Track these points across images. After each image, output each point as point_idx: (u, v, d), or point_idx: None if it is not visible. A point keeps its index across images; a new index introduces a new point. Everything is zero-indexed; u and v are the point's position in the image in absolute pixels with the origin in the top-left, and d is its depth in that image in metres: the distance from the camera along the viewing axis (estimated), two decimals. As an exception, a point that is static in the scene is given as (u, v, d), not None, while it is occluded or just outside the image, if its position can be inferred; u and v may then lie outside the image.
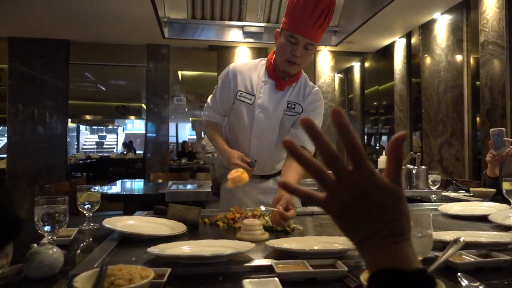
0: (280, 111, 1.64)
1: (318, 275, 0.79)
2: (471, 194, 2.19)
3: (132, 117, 12.05)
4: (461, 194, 2.31)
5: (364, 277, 0.67)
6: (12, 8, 4.31)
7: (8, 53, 5.28)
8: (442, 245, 0.97)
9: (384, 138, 6.10)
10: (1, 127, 9.09)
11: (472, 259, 0.88)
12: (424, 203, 1.98)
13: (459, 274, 0.78)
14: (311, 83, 1.75)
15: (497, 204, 1.61)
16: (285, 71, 1.60)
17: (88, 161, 9.55)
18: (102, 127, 16.18)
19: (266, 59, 1.71)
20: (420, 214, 0.80)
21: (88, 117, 11.58)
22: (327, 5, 1.47)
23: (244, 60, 5.45)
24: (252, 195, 1.71)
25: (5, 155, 5.50)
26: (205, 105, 1.76)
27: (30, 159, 5.28)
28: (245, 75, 1.67)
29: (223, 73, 1.71)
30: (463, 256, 0.90)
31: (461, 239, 0.80)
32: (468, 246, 0.90)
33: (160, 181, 3.96)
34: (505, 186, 1.68)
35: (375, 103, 6.21)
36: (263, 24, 5.05)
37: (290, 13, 1.52)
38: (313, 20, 1.47)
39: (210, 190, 2.80)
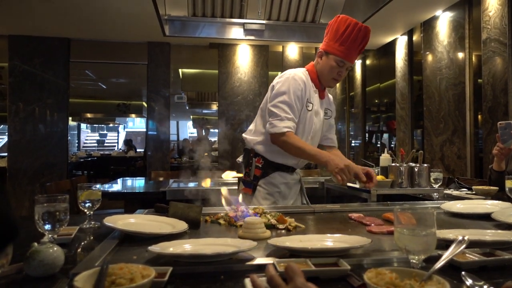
0: (322, 116, 1.95)
1: (320, 273, 0.79)
2: (473, 192, 2.18)
3: (133, 115, 12.04)
4: (463, 192, 2.31)
5: (367, 276, 0.66)
6: (13, 6, 4.30)
7: (8, 51, 5.27)
8: (445, 244, 0.96)
9: (385, 136, 6.08)
10: (2, 125, 9.09)
11: (476, 258, 0.87)
12: (426, 201, 1.98)
13: (463, 273, 0.78)
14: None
15: (500, 202, 1.60)
16: (328, 86, 1.93)
17: (89, 159, 9.56)
18: (103, 125, 16.18)
19: (305, 69, 1.91)
20: (424, 212, 0.79)
21: (89, 115, 11.58)
22: (367, 36, 1.80)
23: (246, 58, 5.45)
24: (291, 186, 1.92)
25: (6, 154, 5.50)
26: (280, 116, 1.75)
27: (31, 157, 5.28)
28: (307, 85, 1.86)
29: (293, 85, 1.80)
30: (467, 254, 0.89)
31: (466, 238, 0.79)
32: (472, 244, 0.89)
33: (161, 179, 3.95)
34: (509, 184, 1.67)
35: (376, 101, 6.19)
36: (264, 22, 5.03)
37: (342, 42, 1.77)
38: (358, 51, 1.81)
39: (211, 188, 2.80)
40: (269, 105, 1.79)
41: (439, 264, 0.73)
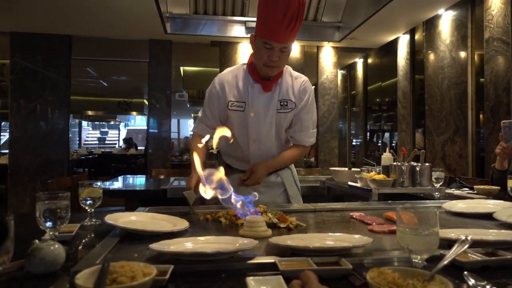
0: (272, 111, 1.67)
1: (322, 273, 0.78)
2: (475, 192, 2.17)
3: (134, 113, 12.06)
4: (464, 191, 2.30)
5: (370, 275, 0.66)
6: (15, 3, 4.29)
7: (10, 48, 5.27)
8: (447, 243, 0.96)
9: (387, 135, 6.07)
10: (3, 122, 9.10)
11: (479, 258, 0.86)
12: (427, 201, 1.97)
13: (465, 272, 0.77)
14: (297, 74, 1.76)
15: (502, 201, 1.59)
16: (266, 75, 1.64)
17: (90, 156, 9.58)
18: (104, 123, 16.22)
19: (246, 63, 1.73)
20: (426, 211, 0.79)
21: (90, 112, 11.60)
22: (296, 9, 1.46)
23: (247, 56, 5.44)
24: (257, 189, 1.70)
25: (7, 150, 5.51)
26: (197, 118, 1.80)
27: (32, 154, 5.29)
28: (232, 83, 1.69)
29: (210, 86, 1.74)
30: (469, 254, 0.88)
31: (469, 238, 0.79)
32: (474, 244, 0.89)
33: (162, 177, 3.95)
34: (510, 183, 1.67)
35: (378, 100, 6.18)
36: (265, 20, 5.01)
37: (262, 20, 1.53)
38: (284, 25, 1.47)
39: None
40: None
41: (442, 264, 0.73)
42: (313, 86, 5.31)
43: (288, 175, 1.86)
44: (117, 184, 3.35)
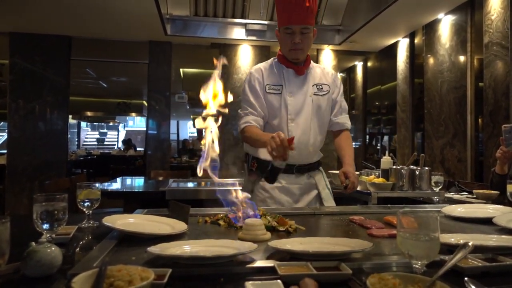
0: (308, 93, 1.77)
1: (321, 277, 0.78)
2: (474, 196, 2.17)
3: (133, 114, 12.04)
4: (463, 196, 2.30)
5: (370, 281, 0.65)
6: (14, 3, 4.29)
7: (9, 48, 5.26)
8: (446, 248, 0.95)
9: (386, 138, 6.07)
10: (2, 122, 9.08)
11: (479, 263, 0.86)
12: (426, 205, 1.97)
13: (466, 278, 0.77)
14: (322, 66, 1.93)
15: (502, 206, 1.59)
16: (293, 58, 1.75)
17: (89, 157, 9.54)
18: (103, 124, 16.18)
19: (275, 57, 1.84)
20: (427, 216, 0.78)
21: (89, 113, 11.58)
22: None
23: (247, 59, 5.41)
24: (292, 191, 1.76)
25: (5, 151, 5.49)
26: (241, 115, 1.77)
27: (30, 155, 5.27)
28: (267, 70, 1.80)
29: (247, 79, 1.81)
30: (469, 260, 0.88)
31: (470, 243, 0.78)
32: (474, 249, 0.88)
33: (160, 178, 3.94)
34: (510, 188, 1.66)
35: (377, 103, 6.19)
36: (266, 22, 5.02)
37: (280, 10, 1.70)
38: (298, 6, 1.62)
39: (211, 188, 2.79)
40: None
41: (442, 270, 0.72)
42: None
43: (320, 177, 1.86)
44: (116, 185, 3.34)
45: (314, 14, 1.69)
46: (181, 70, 7.37)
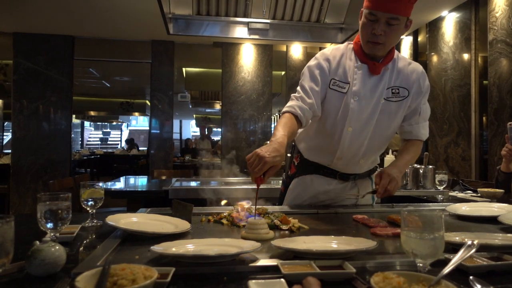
0: (378, 97, 1.46)
1: (325, 276, 0.77)
2: (479, 195, 2.16)
3: (136, 114, 12.07)
4: (468, 194, 2.28)
5: (374, 280, 0.65)
6: (17, 4, 4.31)
7: (13, 48, 5.29)
8: (451, 247, 0.95)
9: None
10: (6, 122, 9.13)
11: (484, 262, 0.85)
12: (430, 203, 1.96)
13: (471, 277, 0.76)
14: (410, 60, 1.58)
15: (506, 205, 1.58)
16: (370, 53, 1.44)
17: (92, 157, 9.58)
18: (106, 123, 16.24)
19: (352, 42, 1.54)
20: (431, 215, 0.78)
21: (92, 113, 11.62)
22: None
23: (249, 57, 5.41)
24: (329, 191, 1.63)
25: (9, 151, 5.52)
26: (291, 98, 1.48)
27: (34, 154, 5.30)
28: (337, 61, 1.49)
29: (312, 62, 1.51)
30: (474, 258, 0.87)
31: (475, 242, 0.78)
32: (479, 248, 0.88)
33: (163, 177, 3.95)
34: (515, 186, 1.65)
35: (380, 102, 6.17)
36: (268, 21, 4.99)
37: None
38: None
39: (214, 187, 2.80)
40: None
41: (447, 268, 0.72)
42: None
43: (366, 185, 1.69)
44: (119, 184, 3.35)
45: (412, 2, 1.34)
46: (183, 69, 7.37)
